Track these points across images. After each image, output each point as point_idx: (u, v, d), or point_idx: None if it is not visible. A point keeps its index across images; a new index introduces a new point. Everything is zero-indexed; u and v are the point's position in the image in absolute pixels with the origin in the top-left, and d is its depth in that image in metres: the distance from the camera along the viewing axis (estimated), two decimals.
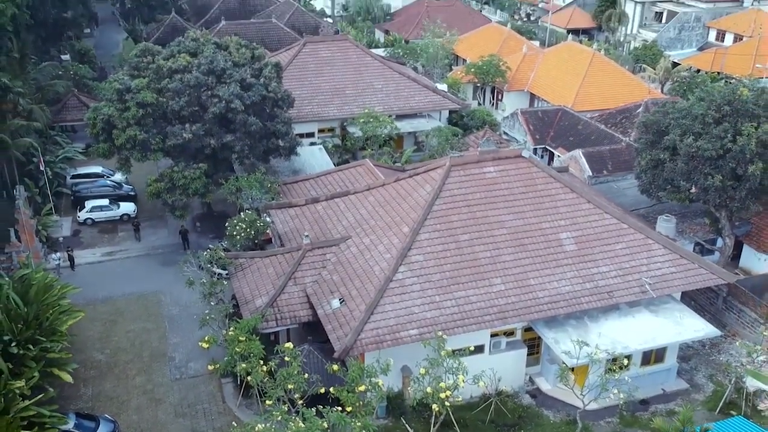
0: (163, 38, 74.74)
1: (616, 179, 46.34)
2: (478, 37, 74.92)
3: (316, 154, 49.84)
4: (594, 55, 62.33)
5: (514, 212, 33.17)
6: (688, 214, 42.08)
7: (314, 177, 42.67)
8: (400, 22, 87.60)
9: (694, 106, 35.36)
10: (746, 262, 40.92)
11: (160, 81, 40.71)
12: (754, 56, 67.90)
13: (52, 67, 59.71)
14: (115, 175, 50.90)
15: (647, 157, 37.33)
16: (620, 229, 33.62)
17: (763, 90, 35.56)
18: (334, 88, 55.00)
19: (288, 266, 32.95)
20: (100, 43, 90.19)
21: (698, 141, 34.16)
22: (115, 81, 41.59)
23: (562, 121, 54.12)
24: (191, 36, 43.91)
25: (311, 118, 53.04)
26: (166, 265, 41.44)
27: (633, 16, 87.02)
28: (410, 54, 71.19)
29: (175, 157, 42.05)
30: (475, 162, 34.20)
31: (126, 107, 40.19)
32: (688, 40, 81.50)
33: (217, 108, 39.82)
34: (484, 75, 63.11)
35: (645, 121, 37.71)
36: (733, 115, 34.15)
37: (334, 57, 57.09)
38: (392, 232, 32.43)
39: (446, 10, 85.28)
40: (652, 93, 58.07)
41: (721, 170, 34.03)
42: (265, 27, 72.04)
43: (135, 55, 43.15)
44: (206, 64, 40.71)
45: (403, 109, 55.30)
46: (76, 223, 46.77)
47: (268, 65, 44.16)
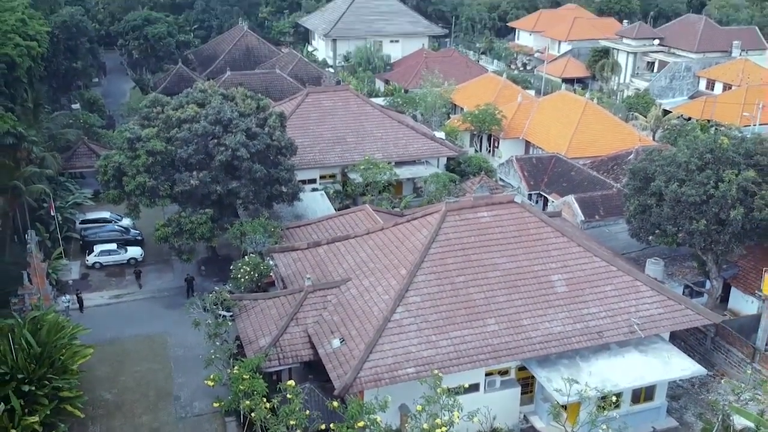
0: (170, 88, 77.25)
1: (608, 224, 47.81)
2: (475, 87, 77.23)
3: (317, 200, 51.52)
4: (587, 104, 64.44)
5: (507, 255, 34.63)
6: (678, 258, 43.45)
7: (316, 222, 44.27)
8: (399, 72, 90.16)
9: (678, 154, 37.15)
10: (735, 303, 42.23)
11: (169, 130, 42.63)
12: (742, 105, 69.99)
13: (63, 116, 61.87)
14: (123, 220, 52.52)
15: (635, 203, 38.95)
16: (609, 271, 35.04)
17: (742, 139, 37.39)
18: (336, 136, 56.90)
19: (290, 307, 34.27)
20: (108, 92, 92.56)
21: (682, 187, 35.83)
22: (126, 130, 43.51)
23: (556, 167, 55.90)
24: (199, 87, 46.02)
25: (313, 165, 54.82)
26: (172, 308, 42.70)
27: (626, 65, 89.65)
28: (409, 103, 73.43)
29: (182, 203, 43.72)
30: (469, 207, 35.80)
31: (136, 155, 42.02)
32: (680, 89, 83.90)
33: (223, 156, 41.65)
34: (481, 123, 65.14)
35: (632, 169, 39.45)
36: (715, 162, 35.91)
37: (336, 106, 59.16)
38: (390, 275, 33.84)
39: (444, 61, 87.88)
40: (642, 140, 59.96)
41: (705, 215, 35.60)
42: (269, 77, 74.44)
43: (145, 105, 45.20)
44: (213, 115, 42.67)
45: (402, 156, 57.10)
46: (85, 266, 48.23)
47: (273, 115, 46.16)
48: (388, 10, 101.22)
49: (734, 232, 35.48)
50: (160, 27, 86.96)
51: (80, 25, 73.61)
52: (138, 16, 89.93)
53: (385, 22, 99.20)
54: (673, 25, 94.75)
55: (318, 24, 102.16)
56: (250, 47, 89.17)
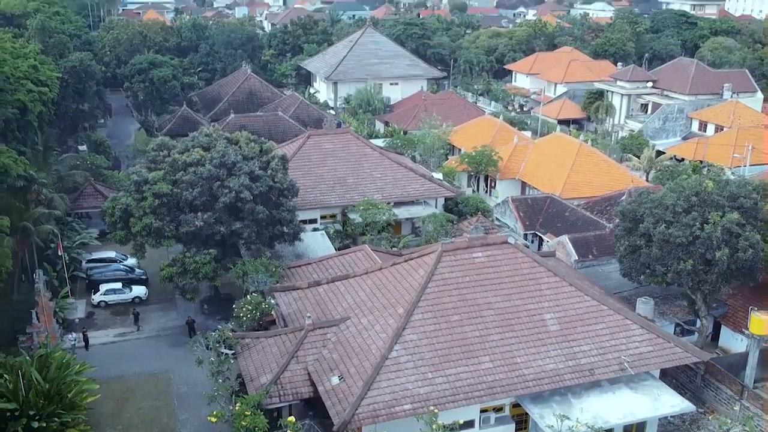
0: (175, 129, 79.12)
1: (601, 263, 49.00)
2: (473, 128, 79.06)
3: (318, 240, 52.83)
4: (581, 146, 66.13)
5: (501, 294, 35.80)
6: (669, 296, 44.56)
7: (316, 261, 45.52)
8: (399, 113, 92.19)
9: (666, 196, 38.56)
10: (725, 341, 43.25)
11: (175, 173, 44.14)
12: (733, 147, 71.67)
13: (71, 158, 63.55)
14: (128, 259, 53.85)
15: (625, 243, 40.25)
16: (600, 310, 36.18)
17: (726, 182, 38.83)
18: (336, 178, 58.42)
19: (291, 345, 35.32)
20: (114, 133, 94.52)
21: (670, 229, 37.15)
22: (134, 173, 45.00)
23: (551, 208, 57.32)
24: (204, 131, 47.68)
25: (314, 205, 56.23)
26: (175, 346, 43.76)
27: (620, 107, 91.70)
28: (408, 144, 75.24)
29: (186, 244, 45.04)
30: (464, 248, 37.08)
31: (143, 197, 43.45)
32: (673, 130, 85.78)
33: (227, 198, 43.11)
34: (478, 164, 66.77)
35: (622, 210, 40.84)
36: (701, 205, 37.29)
37: (336, 148, 60.82)
38: (388, 313, 34.98)
39: (442, 103, 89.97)
40: (635, 181, 61.45)
41: (692, 256, 36.85)
42: (271, 119, 76.25)
43: (152, 148, 46.81)
44: (218, 158, 44.23)
45: (400, 197, 58.54)
46: (91, 305, 49.40)
47: (275, 158, 47.72)
48: (388, 54, 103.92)
49: (720, 272, 36.67)
50: (166, 70, 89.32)
51: (88, 70, 75.75)
52: (144, 59, 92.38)
53: (385, 66, 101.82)
54: (665, 68, 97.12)
55: (319, 67, 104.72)
56: (253, 90, 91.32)
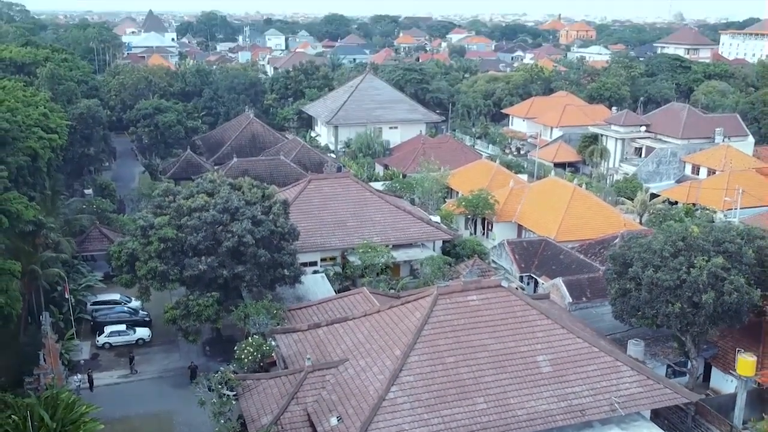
0: (179, 173, 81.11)
1: (595, 305, 50.12)
2: (470, 172, 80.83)
3: (318, 282, 54.05)
4: (575, 190, 67.72)
5: (495, 337, 36.92)
6: (660, 338, 45.61)
7: (316, 304, 46.67)
8: (398, 156, 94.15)
9: (653, 241, 39.96)
10: (716, 382, 44.21)
11: (180, 218, 45.61)
12: (725, 190, 73.28)
13: (77, 201, 65.14)
14: (132, 301, 55.05)
15: (616, 287, 41.51)
16: (591, 352, 37.25)
17: (711, 228, 40.26)
18: (336, 221, 59.84)
19: (291, 387, 36.29)
20: (118, 176, 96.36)
21: (658, 272, 38.46)
22: (140, 218, 46.47)
23: (546, 251, 58.64)
24: (209, 178, 49.32)
25: (315, 248, 57.55)
26: (178, 388, 44.70)
27: (614, 151, 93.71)
28: (407, 188, 76.96)
29: (190, 286, 46.28)
30: (459, 291, 38.31)
31: (149, 242, 44.85)
32: (666, 174, 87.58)
33: (230, 242, 44.51)
34: (474, 208, 68.30)
35: (612, 255, 42.21)
36: (687, 249, 38.68)
37: (337, 192, 62.39)
38: (386, 355, 36.07)
39: (440, 146, 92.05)
40: (628, 224, 62.84)
41: (679, 299, 38.08)
42: (273, 163, 78.05)
43: (158, 194, 48.40)
44: (222, 203, 45.76)
45: (399, 240, 59.93)
46: (95, 347, 50.47)
47: (277, 203, 49.27)
48: (388, 99, 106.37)
49: (707, 315, 37.86)
50: (170, 115, 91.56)
51: (96, 116, 77.85)
52: (149, 104, 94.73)
53: (385, 110, 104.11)
54: (658, 113, 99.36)
55: (321, 111, 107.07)
56: (255, 134, 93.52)
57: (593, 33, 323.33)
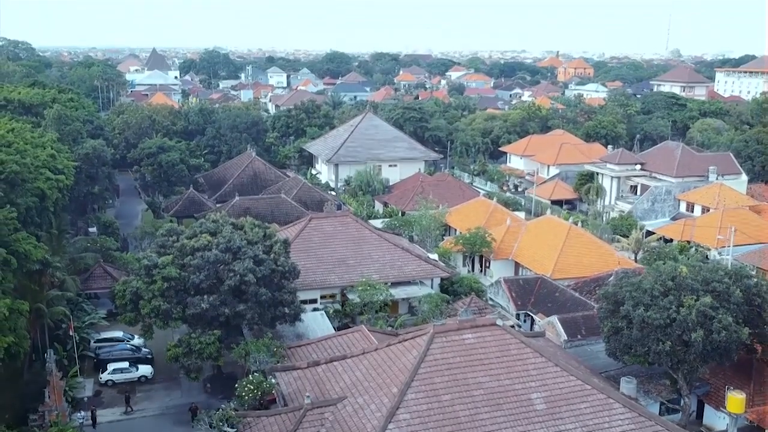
0: (181, 211, 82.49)
1: (590, 343, 50.97)
2: (467, 209, 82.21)
3: (318, 319, 54.99)
4: (570, 228, 68.96)
5: (490, 375, 37.75)
6: (654, 375, 46.43)
7: (316, 341, 47.59)
8: (397, 194, 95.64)
9: (644, 280, 41.08)
10: (709, 420, 44.95)
11: (183, 257, 46.78)
12: (718, 228, 74.49)
13: (82, 240, 66.37)
14: (135, 339, 55.93)
15: (608, 325, 42.52)
16: (584, 390, 38.04)
17: (700, 268, 41.39)
18: (336, 259, 60.94)
19: (291, 424, 37.05)
20: (121, 213, 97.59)
21: (648, 311, 39.52)
22: (144, 258, 47.64)
23: (542, 288, 59.66)
24: (212, 218, 50.61)
25: (315, 286, 58.55)
26: (179, 425, 45.42)
27: (610, 189, 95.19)
28: (406, 225, 78.24)
29: (192, 325, 47.25)
30: (455, 330, 39.28)
31: (153, 281, 45.96)
32: (662, 211, 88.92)
33: (232, 281, 45.61)
34: (472, 246, 69.48)
35: (604, 294, 43.30)
36: (677, 289, 39.79)
37: (336, 231, 63.61)
38: (383, 393, 36.92)
39: (438, 184, 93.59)
40: (622, 262, 63.93)
41: (669, 337, 39.08)
42: (274, 201, 79.37)
43: (162, 234, 49.65)
44: (224, 243, 46.96)
45: (397, 277, 60.92)
46: (98, 384, 51.25)
47: (278, 242, 50.47)
48: (387, 137, 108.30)
49: (697, 353, 38.81)
50: (174, 154, 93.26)
51: (101, 155, 79.49)
52: (153, 143, 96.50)
53: (384, 149, 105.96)
54: (653, 151, 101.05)
55: (321, 150, 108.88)
56: (257, 172, 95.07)
57: (591, 70, 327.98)
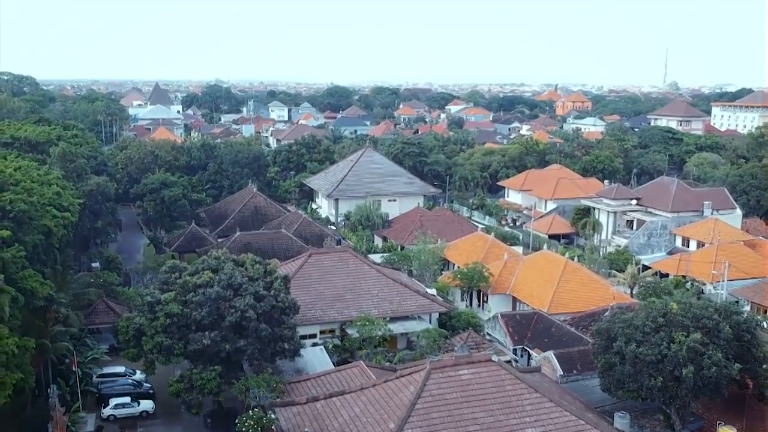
0: (183, 246, 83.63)
1: (585, 378, 51.66)
2: (465, 244, 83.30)
3: (317, 354, 55.75)
4: (567, 263, 69.97)
5: (485, 410, 38.49)
6: (648, 411, 47.04)
7: (315, 377, 48.31)
8: (397, 228, 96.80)
9: (635, 317, 42.04)
10: None
11: (185, 294, 47.78)
12: (713, 263, 75.48)
13: (85, 275, 67.39)
14: (136, 374, 56.67)
15: (602, 360, 43.35)
16: (578, 425, 38.74)
17: (690, 305, 42.37)
18: (335, 294, 61.85)
19: None
20: (123, 247, 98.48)
21: (640, 347, 40.41)
22: (147, 294, 48.64)
23: (538, 324, 60.49)
24: (213, 255, 51.71)
25: (314, 321, 59.36)
26: None
27: (606, 224, 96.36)
28: (404, 260, 79.26)
29: (193, 360, 48.08)
30: (451, 366, 40.12)
31: (155, 317, 46.92)
32: (658, 246, 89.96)
33: (233, 317, 46.54)
34: (469, 280, 70.44)
35: (597, 330, 44.23)
36: (667, 325, 40.73)
37: (336, 266, 64.60)
38: (381, 429, 37.63)
39: (437, 219, 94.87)
40: (617, 297, 64.76)
41: (661, 373, 39.92)
42: (275, 237, 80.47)
43: (164, 271, 50.72)
44: (226, 280, 48.00)
45: (396, 312, 61.76)
46: (100, 419, 51.87)
47: (278, 278, 51.48)
48: (387, 172, 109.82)
49: (688, 388, 39.60)
50: (176, 190, 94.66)
51: (105, 191, 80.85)
52: (156, 179, 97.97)
53: (384, 183, 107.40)
54: (648, 186, 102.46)
55: (322, 185, 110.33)
56: (258, 207, 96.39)
57: (589, 104, 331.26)
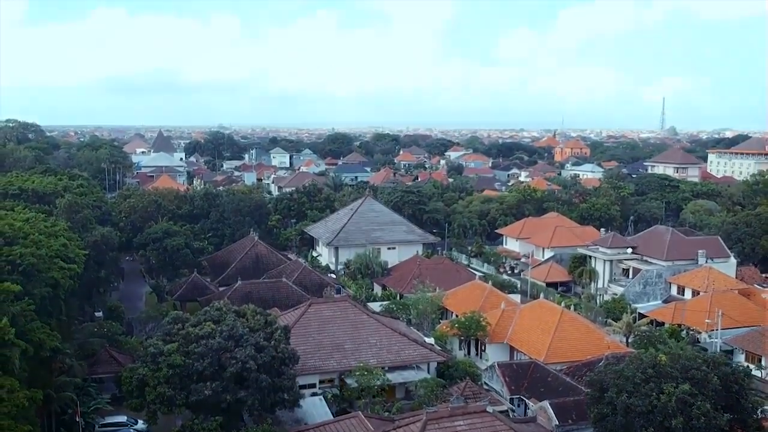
0: (185, 295, 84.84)
1: (580, 428, 52.29)
2: (464, 293, 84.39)
3: (316, 405, 56.53)
4: (562, 313, 71.00)
5: None
6: None
7: (313, 427, 49.05)
8: (396, 276, 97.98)
9: (626, 368, 43.15)
10: None
11: (188, 345, 48.95)
12: (707, 312, 76.51)
13: (89, 325, 68.52)
14: (138, 423, 57.40)
15: (595, 411, 44.30)
16: None
17: (679, 356, 43.53)
18: (334, 344, 62.81)
19: None
20: (125, 296, 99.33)
21: (631, 398, 41.44)
22: (151, 346, 49.80)
23: (535, 373, 61.35)
24: (216, 306, 53.03)
25: (313, 371, 60.21)
26: None
27: (603, 272, 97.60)
28: (403, 309, 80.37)
29: (195, 411, 49.01)
30: (447, 416, 41.14)
31: (158, 368, 48.01)
32: (653, 294, 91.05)
33: (234, 368, 47.65)
34: (467, 330, 71.45)
35: (590, 381, 45.30)
36: (657, 376, 41.83)
37: (335, 316, 65.70)
38: None
39: (436, 267, 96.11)
40: (611, 347, 65.61)
41: (651, 423, 40.85)
42: (276, 286, 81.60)
43: (168, 322, 51.98)
44: (227, 331, 49.24)
45: (394, 362, 62.63)
46: None
47: (278, 329, 52.71)
48: (386, 221, 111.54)
49: None
50: (179, 239, 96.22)
51: (109, 242, 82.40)
52: (159, 229, 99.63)
53: (383, 232, 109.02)
54: (643, 235, 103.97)
55: (322, 233, 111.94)
56: (259, 255, 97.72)
57: (587, 150, 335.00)
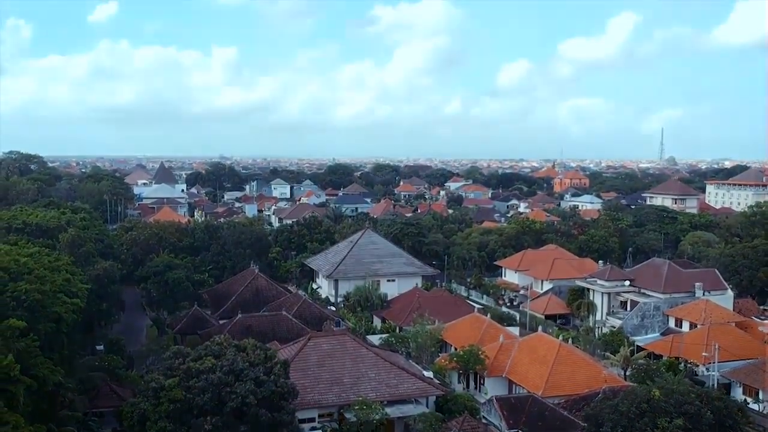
0: (185, 328, 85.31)
1: None
2: (462, 326, 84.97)
3: None
4: (560, 346, 71.57)
5: None
6: None
7: None
8: (395, 309, 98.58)
9: (621, 403, 43.75)
10: None
11: (189, 380, 49.57)
12: (704, 345, 77.04)
13: (90, 359, 69.02)
14: None
15: None
16: None
17: (672, 391, 44.17)
18: (333, 378, 63.25)
19: None
20: (126, 328, 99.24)
21: None
22: (152, 380, 50.42)
23: (533, 407, 61.65)
24: (216, 340, 53.73)
25: (312, 405, 60.60)
26: None
27: (601, 304, 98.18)
28: (402, 342, 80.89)
29: None
30: None
31: (159, 403, 48.57)
32: (651, 327, 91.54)
33: (234, 403, 48.23)
34: (465, 363, 71.95)
35: (586, 414, 45.88)
36: (651, 411, 42.44)
37: (334, 350, 66.22)
38: None
39: (435, 299, 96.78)
40: (608, 380, 66.03)
41: None
42: (275, 319, 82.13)
43: (169, 356, 52.63)
44: (228, 366, 49.90)
45: (393, 396, 63.07)
46: None
47: (278, 364, 53.32)
48: (385, 253, 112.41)
49: None
50: (180, 272, 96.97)
51: (111, 275, 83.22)
52: (160, 262, 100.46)
53: (383, 264, 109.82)
54: (641, 268, 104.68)
55: (322, 265, 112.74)
56: (259, 288, 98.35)
57: (586, 181, 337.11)
